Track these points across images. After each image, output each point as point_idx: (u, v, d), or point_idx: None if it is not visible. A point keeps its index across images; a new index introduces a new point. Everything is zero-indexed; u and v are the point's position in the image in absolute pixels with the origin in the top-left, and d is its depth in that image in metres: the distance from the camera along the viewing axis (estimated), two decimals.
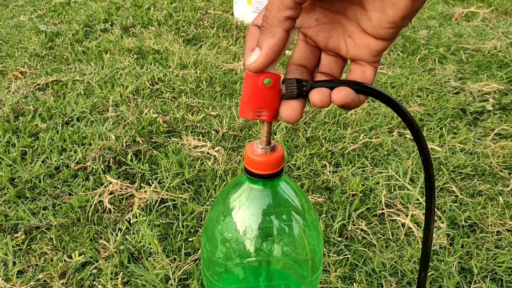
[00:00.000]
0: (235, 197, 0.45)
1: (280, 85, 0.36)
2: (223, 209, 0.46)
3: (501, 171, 1.08)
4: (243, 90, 0.36)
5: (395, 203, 0.98)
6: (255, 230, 0.45)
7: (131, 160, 1.08)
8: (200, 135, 1.19)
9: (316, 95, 0.36)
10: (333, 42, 0.38)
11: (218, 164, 1.08)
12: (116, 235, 0.90)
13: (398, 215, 0.95)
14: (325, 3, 0.37)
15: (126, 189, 1.01)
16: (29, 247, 0.88)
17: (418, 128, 0.41)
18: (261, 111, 0.37)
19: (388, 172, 1.06)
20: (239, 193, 0.45)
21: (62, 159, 1.09)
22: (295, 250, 0.47)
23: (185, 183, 1.03)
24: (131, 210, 0.96)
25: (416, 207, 0.97)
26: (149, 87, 1.39)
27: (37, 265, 0.84)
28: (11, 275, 0.82)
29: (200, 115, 1.26)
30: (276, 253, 0.47)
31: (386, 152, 1.13)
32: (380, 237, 0.91)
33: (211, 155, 1.11)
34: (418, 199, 0.98)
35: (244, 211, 0.45)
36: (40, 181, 1.03)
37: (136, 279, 0.81)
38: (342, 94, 0.36)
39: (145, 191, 0.99)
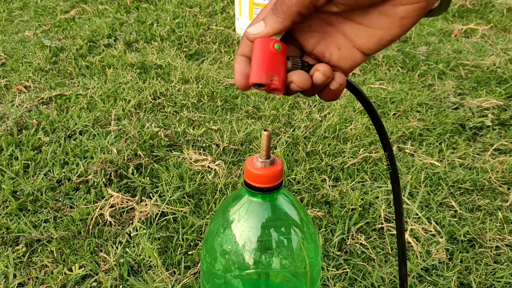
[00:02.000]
0: (235, 210, 0.46)
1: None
2: (222, 221, 0.47)
3: (500, 186, 1.08)
4: (253, 57, 0.37)
5: (394, 218, 0.98)
6: (254, 242, 0.45)
7: (132, 174, 1.09)
8: (201, 149, 1.20)
9: (324, 66, 0.38)
10: (319, 49, 0.40)
11: (219, 178, 1.09)
12: (117, 248, 0.91)
13: None
14: (321, 14, 0.38)
15: (127, 202, 1.01)
16: (30, 259, 0.89)
17: (379, 117, 0.44)
18: (273, 76, 0.36)
19: (387, 187, 1.07)
20: (239, 206, 0.46)
21: (64, 172, 1.10)
22: (294, 263, 0.48)
23: (186, 197, 1.04)
24: (132, 223, 0.97)
25: (415, 222, 0.97)
26: (151, 102, 1.40)
27: (37, 277, 0.84)
28: None
29: (201, 129, 1.27)
30: (275, 265, 0.47)
31: (385, 167, 1.14)
32: (379, 252, 0.91)
33: (211, 169, 1.12)
34: (417, 214, 0.99)
35: (244, 224, 0.45)
36: (42, 194, 1.04)
37: None
38: (343, 77, 0.39)
39: (146, 205, 1.00)
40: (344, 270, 0.86)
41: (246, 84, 0.38)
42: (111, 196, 1.02)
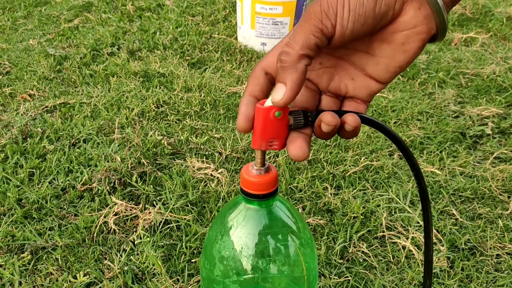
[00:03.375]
0: (232, 217, 0.48)
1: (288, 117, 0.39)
2: (220, 228, 0.49)
3: (501, 194, 1.09)
4: (255, 124, 0.39)
5: (395, 226, 0.99)
6: (251, 248, 0.47)
7: (136, 182, 1.10)
8: (204, 157, 1.21)
9: (327, 116, 0.38)
10: (334, 84, 0.41)
11: (221, 186, 1.10)
12: (121, 255, 0.92)
13: (399, 237, 0.96)
14: (329, 49, 0.39)
15: (131, 210, 1.02)
16: (35, 267, 0.90)
17: (408, 149, 0.44)
18: (273, 141, 0.39)
19: (388, 195, 1.08)
20: (236, 212, 0.47)
21: (68, 180, 1.11)
22: (291, 267, 0.49)
23: (189, 205, 1.05)
24: (136, 231, 0.98)
25: (416, 230, 0.98)
26: (154, 110, 1.42)
27: (42, 285, 0.85)
28: None
29: (204, 137, 1.28)
30: (272, 270, 0.49)
31: (386, 175, 1.15)
32: (381, 260, 0.92)
33: (214, 177, 1.13)
34: (418, 222, 1.00)
35: (241, 230, 0.47)
36: (46, 202, 1.05)
37: None
38: (355, 117, 0.39)
39: (150, 212, 1.01)
40: (346, 278, 0.87)
41: (248, 129, 0.39)
42: (115, 204, 1.03)
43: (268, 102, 0.38)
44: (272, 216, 0.47)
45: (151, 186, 1.09)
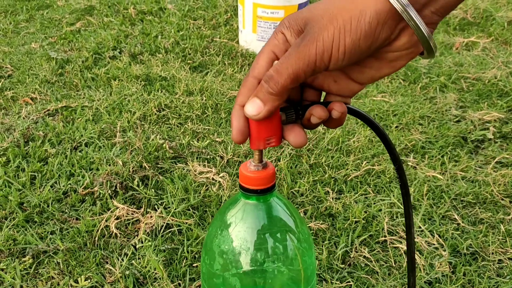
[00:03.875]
0: (232, 212, 0.49)
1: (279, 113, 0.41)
2: (220, 223, 0.50)
3: (502, 199, 1.09)
4: (250, 126, 0.41)
5: (397, 230, 0.99)
6: (250, 241, 0.48)
7: (138, 186, 1.10)
8: (206, 161, 1.21)
9: (318, 109, 0.40)
10: (317, 82, 0.42)
11: (223, 190, 1.10)
12: (122, 260, 0.92)
13: (401, 242, 0.96)
14: None
15: (133, 214, 1.02)
16: (36, 271, 0.90)
17: (390, 141, 0.46)
18: (270, 138, 0.41)
19: (390, 200, 1.08)
20: (235, 208, 0.48)
21: (70, 184, 1.11)
22: (289, 261, 0.50)
23: (190, 209, 1.05)
24: (137, 235, 0.98)
25: (418, 235, 0.98)
26: (156, 114, 1.42)
27: None
28: None
29: (206, 141, 1.28)
30: (270, 264, 0.50)
31: (388, 179, 1.15)
32: (383, 265, 0.92)
33: (216, 181, 1.13)
34: (420, 227, 1.00)
35: (240, 224, 0.48)
36: (48, 206, 1.05)
37: None
38: (342, 104, 0.41)
39: (151, 216, 1.01)
40: (348, 283, 0.87)
41: (243, 141, 0.41)
42: (117, 208, 1.03)
43: None
44: (270, 211, 0.48)
45: (153, 190, 1.09)
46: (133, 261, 0.91)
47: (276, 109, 0.39)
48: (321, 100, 0.43)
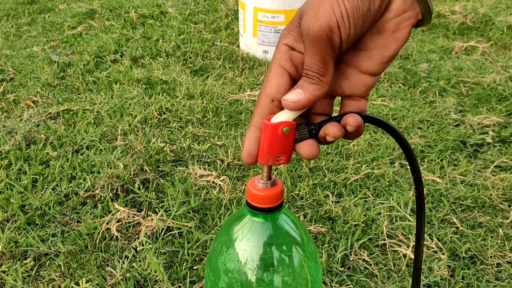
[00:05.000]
0: (238, 229, 0.48)
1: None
2: (226, 240, 0.49)
3: (501, 203, 1.09)
4: (262, 139, 0.39)
5: (396, 234, 1.00)
6: (256, 261, 0.47)
7: (139, 189, 1.11)
8: (206, 164, 1.22)
9: (332, 129, 0.39)
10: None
11: (223, 193, 1.10)
12: (123, 262, 0.92)
13: (400, 245, 0.97)
14: None
15: (133, 217, 1.03)
16: (37, 273, 0.90)
17: (413, 153, 0.44)
18: (280, 156, 0.40)
19: (389, 203, 1.08)
20: (241, 225, 0.47)
21: (71, 186, 1.12)
22: (296, 280, 0.49)
23: (191, 212, 1.05)
24: (138, 238, 0.98)
25: None
26: (156, 117, 1.43)
27: None
28: None
29: (206, 144, 1.29)
30: (277, 283, 0.49)
31: (387, 183, 1.15)
32: (382, 268, 0.93)
33: (216, 184, 1.13)
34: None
35: (246, 243, 0.47)
36: (49, 208, 1.05)
37: None
38: (356, 117, 0.40)
39: (152, 219, 1.02)
40: (347, 286, 0.87)
41: (252, 163, 0.40)
42: (118, 210, 1.04)
43: (275, 118, 0.38)
44: (277, 229, 0.47)
45: (154, 193, 1.10)
46: (133, 264, 0.92)
47: (316, 100, 0.38)
48: (336, 107, 0.42)
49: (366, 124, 0.41)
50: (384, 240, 0.98)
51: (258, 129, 0.40)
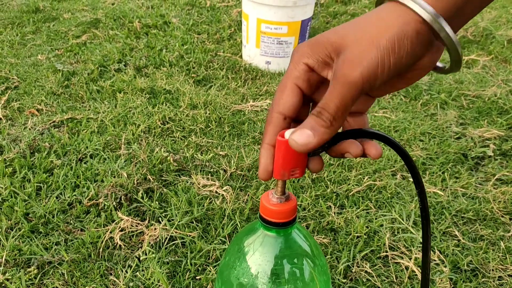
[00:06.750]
0: (250, 243, 0.48)
1: None
2: (238, 254, 0.49)
3: (502, 216, 1.10)
4: (276, 155, 0.39)
5: (398, 246, 1.00)
6: (269, 275, 0.47)
7: (142, 198, 1.12)
8: (209, 174, 1.22)
9: (354, 148, 0.39)
10: None
11: (226, 203, 1.11)
12: (126, 271, 0.93)
13: (402, 257, 0.97)
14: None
15: (137, 226, 1.03)
16: (41, 281, 0.90)
17: (416, 167, 0.45)
18: (294, 170, 0.40)
19: (391, 215, 1.09)
20: (254, 239, 0.48)
21: (75, 195, 1.13)
22: None
23: (194, 221, 1.06)
24: (141, 247, 0.99)
25: (419, 251, 0.99)
26: (160, 126, 1.44)
27: None
28: None
29: (209, 154, 1.30)
30: None
31: (389, 195, 1.16)
32: (384, 280, 0.93)
33: (219, 194, 1.14)
34: (421, 242, 1.01)
35: (259, 257, 0.48)
36: (53, 217, 1.06)
37: None
38: (377, 149, 0.39)
39: (155, 229, 1.02)
40: None
41: (268, 179, 0.40)
42: (121, 219, 1.04)
43: (288, 134, 0.39)
44: (289, 244, 0.48)
45: (157, 202, 1.11)
46: (137, 273, 0.92)
47: (323, 143, 0.37)
48: None
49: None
50: (386, 252, 0.99)
51: (272, 146, 0.40)
